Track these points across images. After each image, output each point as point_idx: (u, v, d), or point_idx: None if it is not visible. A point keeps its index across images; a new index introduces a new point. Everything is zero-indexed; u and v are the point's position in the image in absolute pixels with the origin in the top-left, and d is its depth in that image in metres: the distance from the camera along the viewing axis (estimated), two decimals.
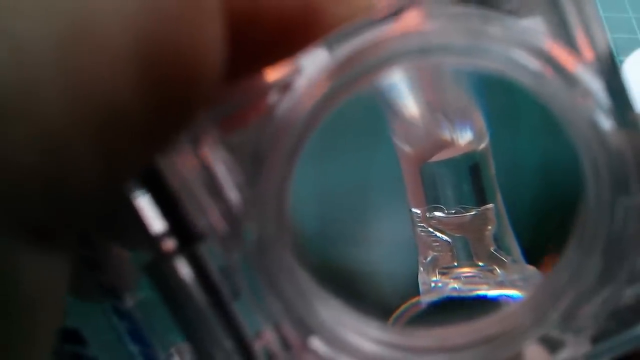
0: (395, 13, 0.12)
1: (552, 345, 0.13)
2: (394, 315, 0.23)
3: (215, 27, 0.11)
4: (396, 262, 0.25)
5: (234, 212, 0.13)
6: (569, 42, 0.13)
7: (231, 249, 0.13)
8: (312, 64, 0.12)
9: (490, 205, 0.23)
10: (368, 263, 0.26)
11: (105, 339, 0.16)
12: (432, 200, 0.23)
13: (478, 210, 0.23)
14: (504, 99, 0.21)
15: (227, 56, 0.11)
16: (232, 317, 0.13)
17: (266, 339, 0.14)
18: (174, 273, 0.13)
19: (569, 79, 0.13)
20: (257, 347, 0.13)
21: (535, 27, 0.13)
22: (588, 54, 0.12)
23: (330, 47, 0.12)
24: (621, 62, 0.48)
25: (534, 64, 0.13)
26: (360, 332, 0.14)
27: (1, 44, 0.09)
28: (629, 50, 0.49)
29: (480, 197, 0.23)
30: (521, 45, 0.13)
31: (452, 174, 0.23)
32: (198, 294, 0.13)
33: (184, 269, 0.13)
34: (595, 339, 0.13)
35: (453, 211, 0.23)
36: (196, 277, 0.13)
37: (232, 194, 0.13)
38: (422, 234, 0.23)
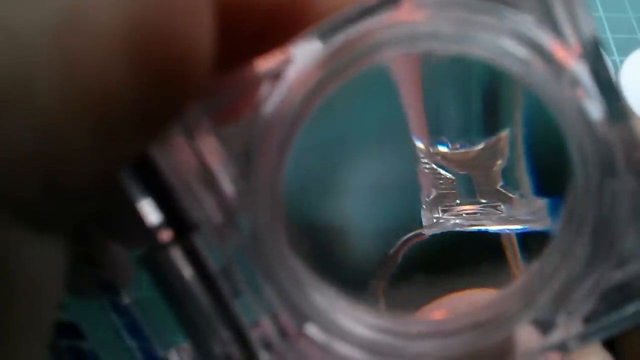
0: (387, 1, 0.12)
1: (543, 326, 0.13)
2: (397, 244, 0.22)
3: (206, 16, 0.11)
4: (377, 211, 0.24)
5: (228, 202, 0.13)
6: (557, 32, 0.13)
7: (226, 239, 0.13)
8: (303, 53, 0.13)
9: (504, 134, 0.20)
10: (346, 216, 0.24)
11: (104, 333, 0.16)
12: (435, 130, 0.20)
13: (487, 143, 0.20)
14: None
15: (218, 46, 0.11)
16: (229, 306, 0.13)
17: (263, 328, 0.14)
18: (169, 263, 0.13)
19: (557, 68, 0.13)
20: (254, 336, 0.14)
21: (523, 16, 0.13)
22: (575, 43, 0.13)
23: (320, 36, 0.13)
24: (621, 62, 0.48)
25: (522, 52, 0.13)
26: (355, 318, 0.14)
27: None
28: (629, 50, 0.49)
29: (493, 121, 0.20)
30: (510, 34, 0.13)
31: (459, 89, 0.19)
32: (194, 284, 0.13)
33: (179, 259, 0.13)
34: (586, 320, 0.13)
35: (458, 145, 0.20)
36: (192, 267, 0.13)
37: (226, 185, 0.13)
38: (426, 171, 0.21)
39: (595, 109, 0.13)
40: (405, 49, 0.13)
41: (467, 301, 0.19)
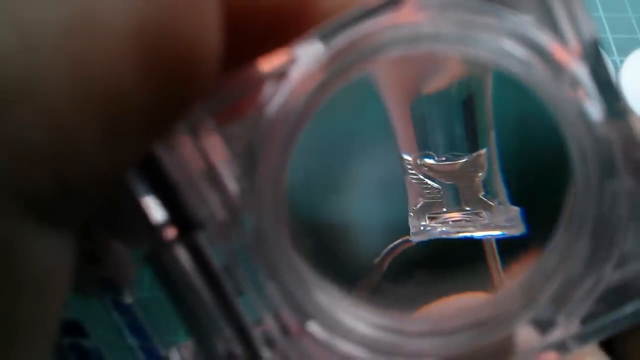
0: (389, 2, 0.13)
1: (543, 326, 0.13)
2: (385, 250, 0.23)
3: (213, 15, 0.11)
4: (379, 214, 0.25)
5: (232, 201, 0.13)
6: (557, 33, 0.13)
7: (230, 238, 0.13)
8: (307, 54, 0.13)
9: (483, 151, 0.22)
10: (350, 214, 0.25)
11: (105, 332, 0.16)
12: (423, 146, 0.22)
13: (469, 157, 0.22)
14: None
15: (224, 47, 0.11)
16: (232, 304, 0.13)
17: (265, 325, 0.14)
18: (173, 261, 0.13)
19: (557, 68, 0.13)
20: (257, 333, 0.14)
21: (523, 17, 0.13)
22: (575, 43, 0.13)
23: (324, 37, 0.13)
24: (621, 62, 0.48)
25: (522, 53, 0.13)
26: (356, 316, 0.14)
27: (10, 29, 0.09)
28: (629, 50, 0.49)
29: (473, 141, 0.22)
30: (511, 35, 0.13)
31: (443, 114, 0.22)
32: (198, 282, 0.13)
33: (183, 257, 0.13)
34: (585, 320, 0.13)
35: (444, 158, 0.22)
36: (196, 264, 0.13)
37: (230, 184, 0.13)
38: (414, 181, 0.23)
39: (595, 109, 0.13)
40: (407, 50, 0.13)
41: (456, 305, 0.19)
